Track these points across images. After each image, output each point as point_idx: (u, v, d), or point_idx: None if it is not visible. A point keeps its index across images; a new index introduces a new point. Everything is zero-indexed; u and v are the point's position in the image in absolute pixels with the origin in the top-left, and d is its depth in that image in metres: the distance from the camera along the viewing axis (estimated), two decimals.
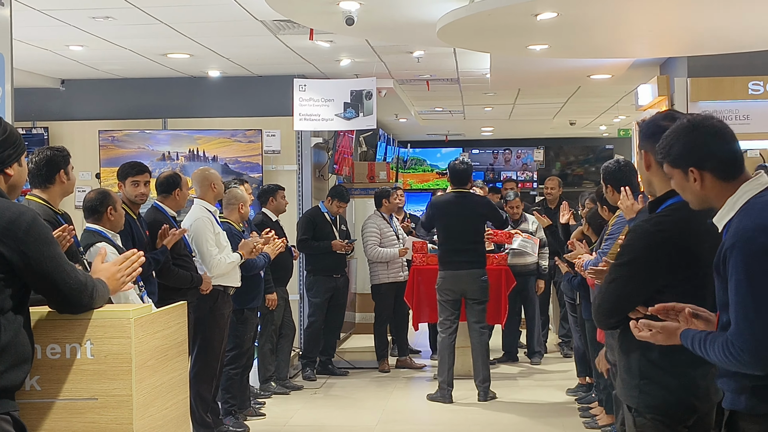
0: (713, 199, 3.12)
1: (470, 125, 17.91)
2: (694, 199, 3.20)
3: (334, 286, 9.74)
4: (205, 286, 6.73)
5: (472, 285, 8.51)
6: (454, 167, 8.72)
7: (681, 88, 8.64)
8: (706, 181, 3.10)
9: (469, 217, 8.57)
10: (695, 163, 3.11)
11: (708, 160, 3.09)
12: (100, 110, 10.89)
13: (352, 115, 9.72)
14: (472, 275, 8.50)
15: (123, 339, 3.38)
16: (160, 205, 6.71)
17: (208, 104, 10.85)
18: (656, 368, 3.45)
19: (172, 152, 10.42)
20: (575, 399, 8.42)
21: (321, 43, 8.80)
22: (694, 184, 3.12)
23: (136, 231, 6.16)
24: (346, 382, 9.63)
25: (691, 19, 6.90)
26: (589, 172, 20.50)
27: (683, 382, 3.40)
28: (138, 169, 6.43)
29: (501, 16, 6.52)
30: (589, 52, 8.58)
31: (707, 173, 3.09)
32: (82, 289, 3.24)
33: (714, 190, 3.10)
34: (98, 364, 3.37)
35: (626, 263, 3.49)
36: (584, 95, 13.13)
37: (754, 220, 2.93)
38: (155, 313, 3.68)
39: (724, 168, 3.08)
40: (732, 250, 2.91)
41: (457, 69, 10.77)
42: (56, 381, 3.37)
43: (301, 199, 10.62)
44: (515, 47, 8.02)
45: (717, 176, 3.08)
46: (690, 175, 3.12)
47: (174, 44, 8.88)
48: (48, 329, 3.37)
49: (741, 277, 2.86)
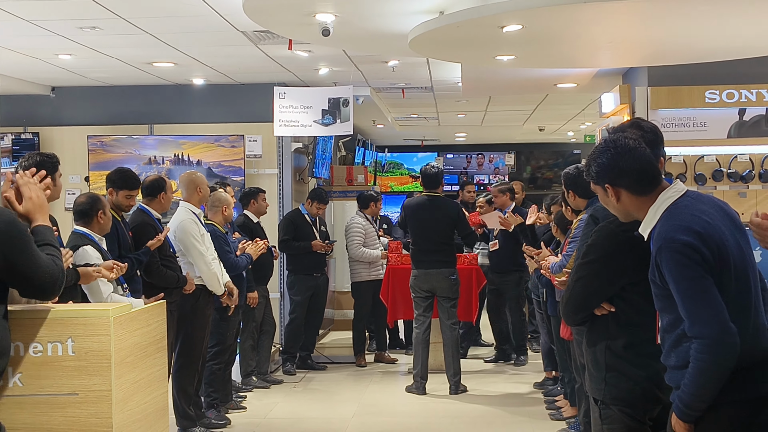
0: (634, 212, 3.20)
1: (445, 131, 17.93)
2: (617, 213, 3.28)
3: (314, 285, 9.74)
4: (188, 287, 6.71)
5: (443, 283, 8.53)
6: (426, 172, 8.75)
7: (642, 96, 8.67)
8: (622, 196, 3.19)
9: (439, 219, 8.59)
10: (610, 180, 3.19)
11: (620, 177, 3.17)
12: (89, 116, 10.84)
13: (329, 122, 9.71)
14: (443, 274, 8.52)
15: (103, 336, 3.39)
16: (146, 207, 6.69)
17: (192, 111, 10.82)
18: (621, 360, 3.47)
19: (158, 156, 10.39)
20: (542, 392, 8.45)
21: (300, 53, 8.79)
22: (612, 199, 3.20)
23: (121, 233, 6.14)
24: (325, 376, 9.63)
25: (651, 31, 6.93)
26: (558, 175, 20.48)
27: (648, 373, 3.42)
28: (134, 183, 6.38)
29: (469, 28, 6.53)
30: (555, 62, 8.61)
31: (622, 189, 3.17)
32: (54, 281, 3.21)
33: (632, 205, 3.18)
34: (79, 360, 3.37)
35: (591, 262, 3.51)
36: (552, 103, 13.17)
37: (672, 221, 3.00)
38: (135, 312, 3.68)
39: (636, 184, 3.15)
40: (660, 254, 2.97)
41: (430, 78, 10.78)
42: (38, 377, 3.37)
43: (281, 201, 10.61)
44: (483, 58, 8.04)
45: (631, 192, 3.15)
46: (608, 191, 3.20)
47: (159, 53, 8.85)
48: (31, 328, 3.37)
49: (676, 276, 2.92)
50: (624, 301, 3.47)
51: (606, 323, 3.51)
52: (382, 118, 14.14)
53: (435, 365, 9.02)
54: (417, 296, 8.61)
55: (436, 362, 9.06)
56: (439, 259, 8.53)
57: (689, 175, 8.63)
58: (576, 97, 12.36)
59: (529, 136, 18.68)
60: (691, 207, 3.05)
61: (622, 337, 3.48)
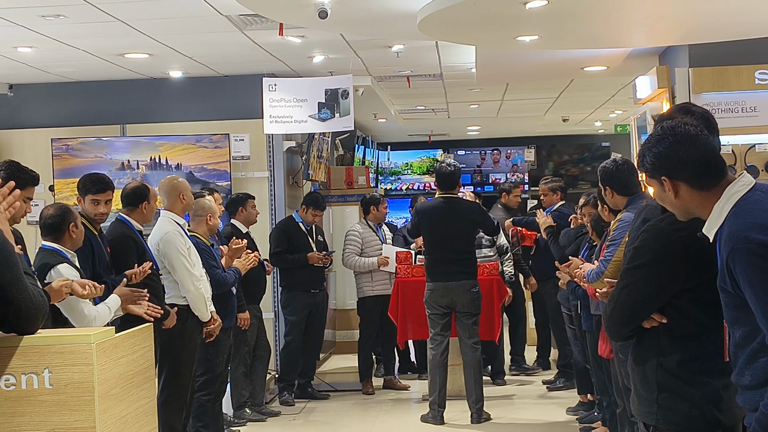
0: (695, 209, 3.17)
1: (455, 124, 17.93)
2: (675, 210, 3.25)
3: (312, 303, 9.72)
4: (169, 322, 6.60)
5: (464, 297, 8.51)
6: (441, 170, 8.71)
7: (682, 79, 8.66)
8: (681, 191, 3.16)
9: (458, 224, 8.56)
10: (667, 172, 3.16)
11: (680, 169, 3.14)
12: (53, 117, 10.83)
13: (327, 116, 9.71)
14: (463, 287, 8.50)
15: (84, 366, 3.36)
16: (126, 218, 6.66)
17: (169, 108, 10.82)
18: (675, 379, 3.44)
19: (131, 161, 10.38)
20: (576, 419, 8.43)
21: (292, 39, 8.79)
22: (670, 194, 3.17)
23: (96, 248, 6.11)
24: (328, 406, 9.61)
25: (693, 4, 6.93)
26: (584, 171, 20.54)
27: (705, 393, 3.39)
28: (99, 186, 6.25)
29: (487, 5, 6.54)
30: (583, 42, 8.60)
31: (681, 183, 3.14)
32: (39, 313, 3.22)
33: (693, 200, 3.15)
34: (58, 394, 3.35)
35: (640, 266, 3.48)
36: (578, 89, 13.17)
37: (744, 219, 2.97)
38: (119, 337, 3.66)
39: (698, 177, 3.13)
40: (732, 257, 2.94)
41: (440, 64, 10.78)
42: (12, 414, 3.34)
43: (273, 208, 10.60)
44: (503, 39, 8.04)
45: (692, 186, 3.13)
46: (664, 185, 3.17)
47: (132, 43, 8.85)
48: (1, 359, 3.35)
49: (753, 281, 2.88)
50: (678, 310, 3.44)
51: (657, 337, 3.49)
52: (384, 111, 14.15)
53: (453, 391, 9.01)
54: (433, 313, 8.58)
55: (455, 387, 9.05)
56: (459, 270, 8.51)
57: (739, 167, 8.61)
58: (605, 82, 12.36)
59: (551, 127, 18.68)
60: (763, 202, 3.02)
61: (676, 353, 3.45)
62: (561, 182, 9.98)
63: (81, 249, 5.81)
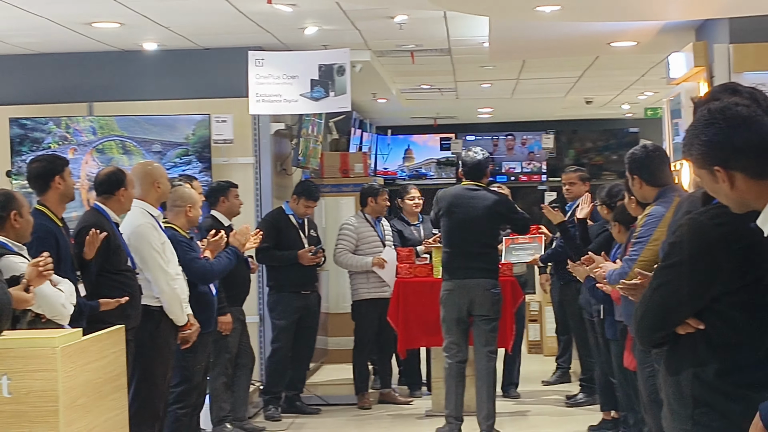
0: (752, 201, 3.16)
1: (464, 106, 17.95)
2: (730, 203, 3.24)
3: (302, 305, 9.73)
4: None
5: (482, 298, 8.50)
6: (468, 159, 8.73)
7: (722, 56, 8.67)
8: (737, 181, 3.15)
9: (481, 215, 8.56)
10: (720, 161, 3.16)
11: (734, 157, 3.14)
12: (10, 93, 10.81)
13: (320, 95, 9.71)
14: (483, 286, 8.49)
15: (47, 372, 3.37)
16: (102, 207, 6.70)
17: (142, 84, 10.82)
18: (713, 392, 3.44)
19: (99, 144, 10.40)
20: None
21: (281, 7, 8.78)
22: (724, 185, 3.17)
23: (63, 244, 6.11)
24: (319, 422, 9.65)
25: None
26: (609, 160, 20.58)
27: (745, 408, 3.39)
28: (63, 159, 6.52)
29: None
30: (610, 14, 8.61)
31: (736, 173, 3.14)
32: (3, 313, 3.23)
33: (750, 191, 3.15)
34: (18, 403, 3.36)
35: (676, 264, 3.48)
36: (603, 67, 13.19)
37: None
38: (86, 341, 3.68)
39: (757, 164, 3.12)
40: None
41: (448, 37, 10.79)
42: None
43: (259, 198, 10.60)
44: (520, 9, 8.05)
45: (749, 174, 3.13)
46: (717, 175, 3.17)
47: (100, 10, 8.85)
48: None
49: None
50: (717, 315, 3.44)
51: (693, 345, 3.49)
52: (384, 91, 14.16)
53: None
54: (450, 316, 8.57)
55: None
56: (480, 267, 8.50)
57: None
58: (635, 60, 12.38)
59: (572, 111, 18.71)
60: None
61: (714, 363, 3.45)
62: (585, 171, 10.00)
63: (43, 244, 5.80)
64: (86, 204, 9.88)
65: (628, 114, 19.77)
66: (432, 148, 21.02)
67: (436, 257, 9.40)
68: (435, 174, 21.02)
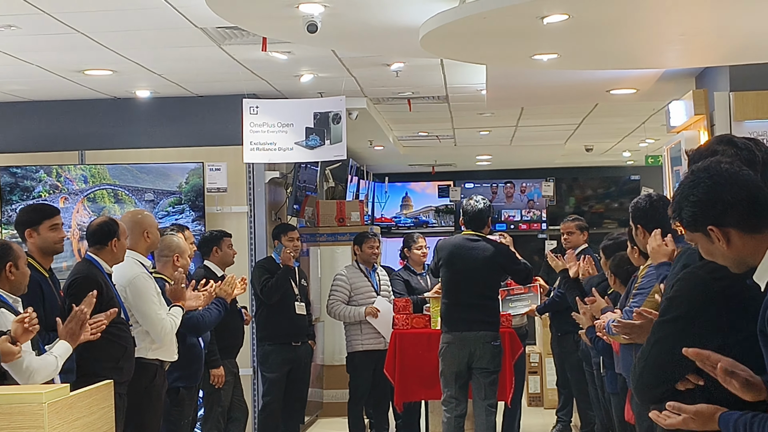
0: (749, 257, 3.18)
1: (463, 153, 17.98)
2: (728, 263, 3.25)
3: (293, 357, 9.65)
4: None
5: (482, 351, 8.50)
6: (469, 207, 8.79)
7: (722, 104, 8.69)
8: (733, 237, 3.16)
9: (481, 265, 8.58)
10: (713, 220, 3.17)
11: (726, 213, 3.15)
12: (1, 141, 10.85)
13: (316, 143, 9.72)
14: (483, 338, 8.50)
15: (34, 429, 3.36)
16: (94, 258, 6.69)
17: (135, 132, 10.85)
18: None
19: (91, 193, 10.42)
20: None
21: (277, 55, 8.83)
22: (720, 245, 3.18)
23: (48, 294, 6.10)
24: None
25: (735, 20, 6.97)
26: (610, 208, 20.60)
27: None
28: (50, 209, 6.51)
29: (500, 19, 6.56)
30: (608, 61, 8.64)
31: (731, 229, 3.15)
32: None
33: (746, 247, 3.16)
34: None
35: (674, 319, 3.49)
36: (603, 115, 13.21)
37: None
38: (74, 396, 3.66)
39: (749, 218, 3.13)
40: None
41: (445, 84, 10.82)
42: None
43: (253, 247, 10.60)
44: (517, 57, 8.07)
45: (743, 230, 3.14)
46: (712, 235, 3.18)
47: (93, 58, 8.87)
48: None
49: None
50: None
51: (693, 400, 3.49)
52: (381, 138, 14.18)
53: None
54: (449, 370, 8.56)
55: None
56: (480, 319, 8.53)
57: None
58: (635, 107, 12.40)
59: (572, 158, 18.73)
60: None
61: None
62: (583, 221, 10.02)
63: (28, 296, 5.77)
64: (77, 254, 9.89)
65: (629, 161, 19.79)
66: (430, 195, 21.07)
67: (434, 308, 9.38)
68: (435, 222, 21.03)
